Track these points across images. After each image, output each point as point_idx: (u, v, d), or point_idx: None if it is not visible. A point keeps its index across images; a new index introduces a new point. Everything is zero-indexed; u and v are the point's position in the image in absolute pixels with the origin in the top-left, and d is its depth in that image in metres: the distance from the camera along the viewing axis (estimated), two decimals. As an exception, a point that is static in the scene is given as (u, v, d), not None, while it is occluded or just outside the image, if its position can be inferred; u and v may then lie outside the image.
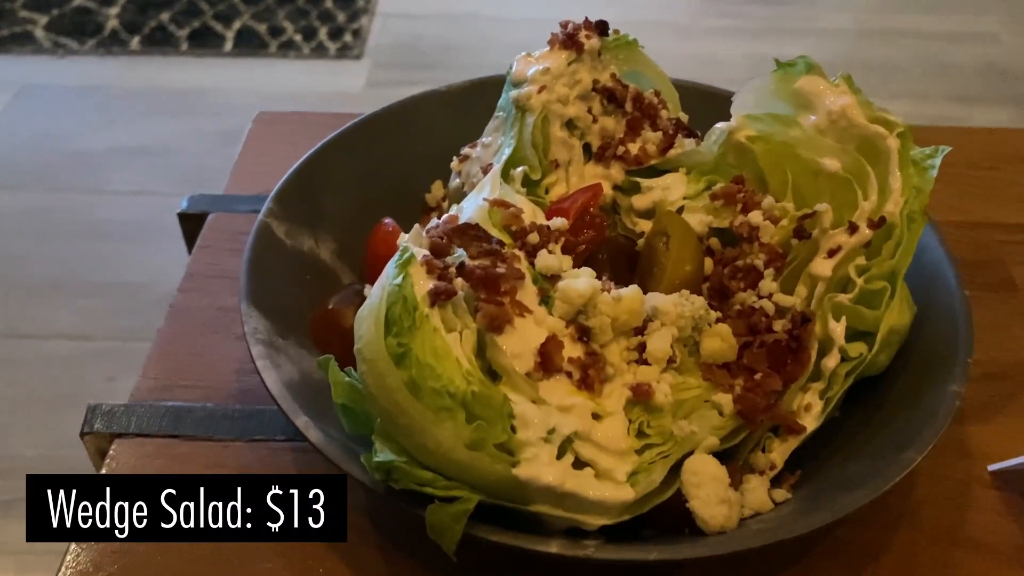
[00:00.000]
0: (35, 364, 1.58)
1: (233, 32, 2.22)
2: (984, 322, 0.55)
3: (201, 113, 2.06)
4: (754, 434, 0.41)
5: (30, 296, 1.69)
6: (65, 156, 1.97)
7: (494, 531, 0.35)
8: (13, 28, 2.20)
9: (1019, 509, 0.46)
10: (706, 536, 0.37)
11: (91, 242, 1.76)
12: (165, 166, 1.91)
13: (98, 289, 1.67)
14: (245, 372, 0.51)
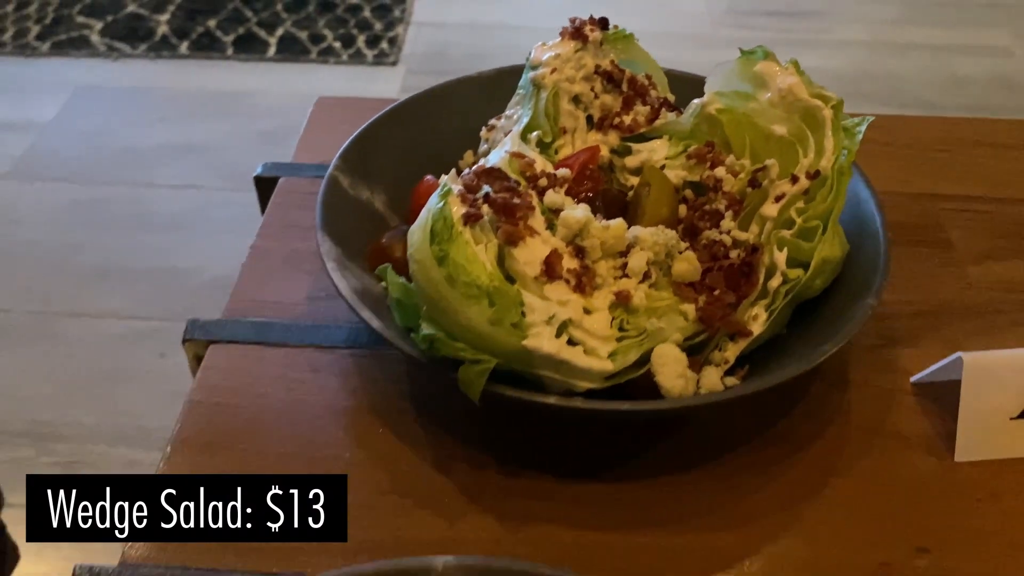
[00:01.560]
0: (90, 341, 1.73)
1: (276, 38, 2.37)
2: (921, 271, 0.67)
3: (245, 114, 2.21)
4: (712, 338, 0.53)
5: (85, 280, 1.83)
6: (117, 152, 2.12)
7: (508, 388, 0.48)
8: (70, 33, 2.36)
9: (931, 409, 0.58)
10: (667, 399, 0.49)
11: (141, 231, 1.91)
12: (210, 162, 2.06)
13: (147, 274, 1.81)
14: (312, 298, 0.65)
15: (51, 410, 1.58)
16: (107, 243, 1.88)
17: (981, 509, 0.53)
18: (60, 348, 1.70)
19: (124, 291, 1.78)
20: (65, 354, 1.69)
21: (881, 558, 0.51)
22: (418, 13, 2.50)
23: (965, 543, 0.52)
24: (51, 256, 1.86)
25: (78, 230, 1.92)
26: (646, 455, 0.55)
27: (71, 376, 1.64)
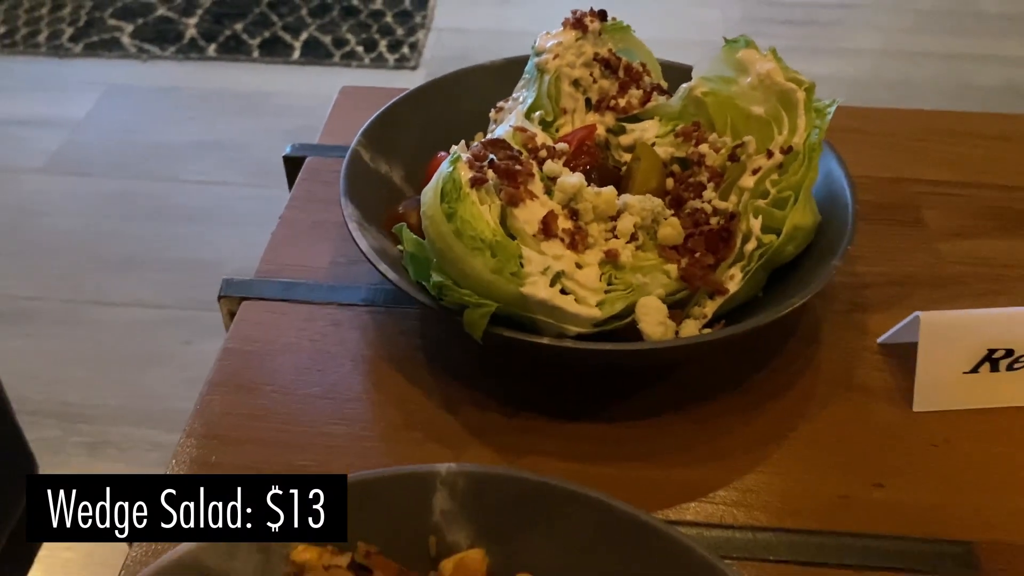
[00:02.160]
0: (117, 328, 1.81)
1: (300, 42, 2.45)
2: (893, 246, 0.74)
3: (269, 114, 2.30)
4: (692, 295, 0.60)
5: (114, 269, 1.92)
6: (146, 148, 2.21)
7: (506, 330, 0.55)
8: (102, 35, 2.45)
9: (894, 366, 0.64)
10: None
11: (168, 224, 2.00)
12: (235, 160, 2.15)
13: (174, 265, 1.90)
14: (334, 263, 0.72)
15: (79, 392, 1.66)
16: (135, 234, 1.97)
17: (933, 452, 0.59)
18: (88, 334, 1.78)
19: (151, 280, 1.86)
20: (93, 340, 1.77)
21: (841, 491, 0.57)
22: (439, 19, 2.58)
23: (916, 480, 0.58)
24: (82, 246, 1.95)
25: (108, 222, 2.01)
26: (631, 400, 0.62)
27: (98, 360, 1.73)
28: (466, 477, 0.47)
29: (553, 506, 0.46)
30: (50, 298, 1.85)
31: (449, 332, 0.65)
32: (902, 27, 2.59)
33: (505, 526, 0.47)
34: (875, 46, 2.51)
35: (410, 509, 0.47)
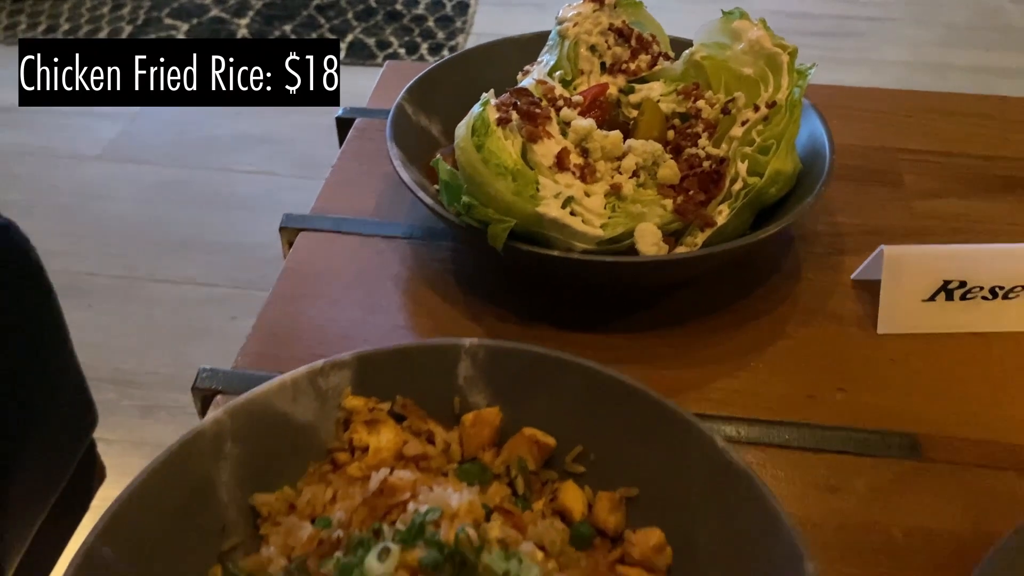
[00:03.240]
0: (170, 303, 1.94)
1: (346, 44, 2.59)
2: (872, 203, 0.84)
3: (315, 110, 2.43)
4: (686, 228, 0.71)
5: (167, 250, 2.05)
6: (199, 140, 2.35)
7: (524, 244, 0.66)
8: (159, 33, 2.60)
9: (864, 299, 0.74)
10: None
11: (218, 210, 2.14)
12: (281, 152, 2.28)
13: (223, 247, 2.03)
14: (378, 204, 0.83)
15: (132, 360, 1.80)
16: (188, 219, 2.11)
17: (891, 365, 0.69)
18: (142, 308, 1.92)
19: (202, 261, 2.00)
20: (146, 313, 1.91)
21: (808, 392, 0.67)
22: (479, 24, 2.71)
23: (873, 387, 0.68)
24: (136, 228, 2.09)
25: (162, 207, 2.15)
26: (632, 317, 0.72)
27: (151, 332, 1.86)
28: (485, 349, 0.58)
29: (554, 372, 0.57)
30: (106, 274, 1.99)
31: (475, 257, 0.76)
32: (930, 40, 2.68)
33: (516, 389, 0.58)
34: (903, 58, 2.60)
35: (439, 374, 0.58)
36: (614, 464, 0.56)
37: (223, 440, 0.53)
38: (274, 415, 0.55)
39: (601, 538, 0.54)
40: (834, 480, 0.62)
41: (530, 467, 0.56)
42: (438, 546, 0.45)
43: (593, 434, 0.56)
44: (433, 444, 0.56)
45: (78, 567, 0.46)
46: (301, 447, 0.56)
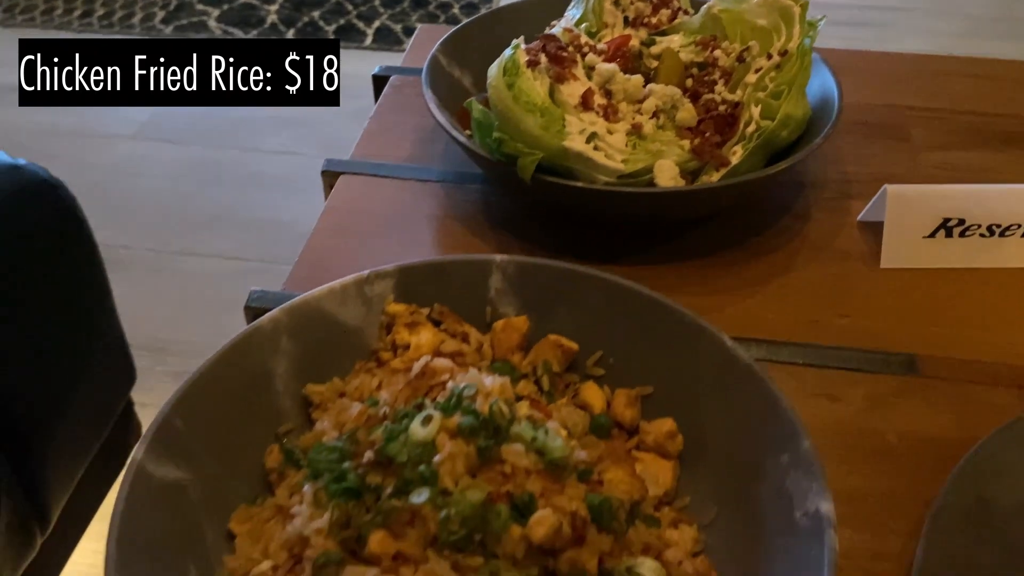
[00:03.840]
0: (200, 276, 2.02)
1: (372, 30, 2.66)
2: (880, 154, 0.89)
3: (343, 94, 2.51)
4: (702, 168, 0.76)
5: (198, 226, 2.13)
6: (229, 121, 2.43)
7: (550, 176, 0.72)
8: (191, 18, 2.68)
9: (869, 238, 0.80)
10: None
11: (247, 188, 2.21)
12: (309, 133, 2.36)
13: (252, 224, 2.10)
14: (412, 152, 0.90)
15: (166, 329, 1.87)
16: (219, 196, 2.19)
17: (892, 295, 0.75)
18: (175, 280, 2.00)
19: (232, 236, 2.07)
20: (179, 286, 1.99)
21: (813, 318, 0.73)
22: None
23: (875, 313, 0.73)
24: (169, 205, 2.17)
25: (193, 184, 2.23)
26: (649, 252, 0.78)
27: (183, 304, 1.94)
28: (515, 264, 0.64)
29: (578, 285, 0.63)
30: (141, 248, 2.06)
31: (503, 197, 0.83)
32: (952, 31, 2.72)
33: (542, 301, 0.64)
34: (924, 49, 2.63)
35: (473, 286, 0.64)
36: (631, 366, 0.62)
37: (279, 335, 0.60)
38: (324, 317, 0.62)
39: (618, 430, 0.60)
40: (834, 391, 0.67)
41: (554, 369, 0.62)
42: (474, 414, 0.51)
43: (612, 340, 0.62)
44: (468, 343, 0.62)
45: (155, 433, 0.53)
46: (348, 347, 0.62)
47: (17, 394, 1.16)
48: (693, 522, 0.55)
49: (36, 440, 1.21)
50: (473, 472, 0.50)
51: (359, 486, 0.49)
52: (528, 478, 0.50)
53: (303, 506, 0.50)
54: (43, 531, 1.27)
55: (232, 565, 0.51)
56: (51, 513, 1.29)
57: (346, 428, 0.54)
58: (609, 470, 0.55)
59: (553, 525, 0.47)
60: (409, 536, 0.47)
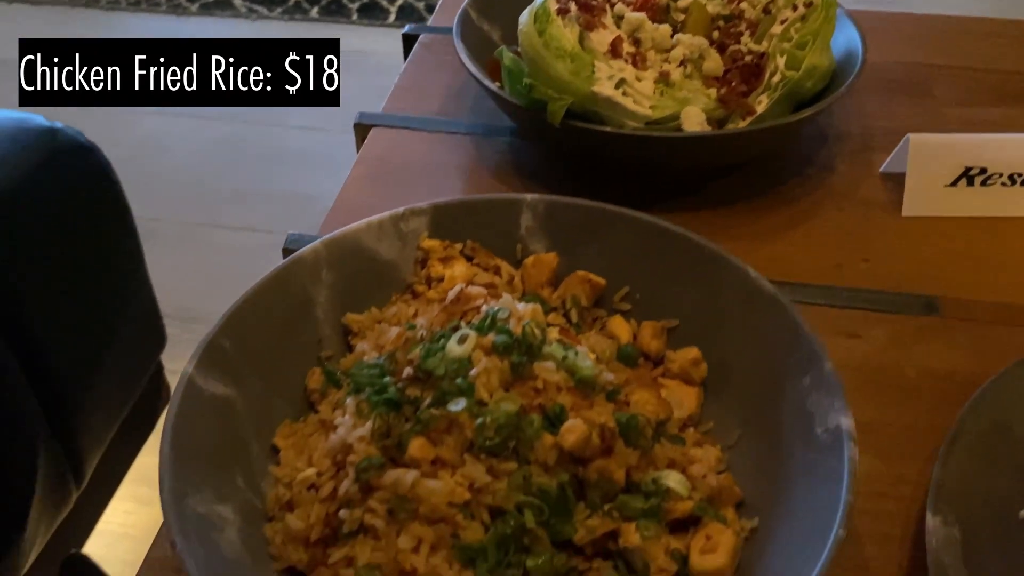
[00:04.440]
0: (227, 248, 2.06)
1: (396, 7, 2.69)
2: (903, 109, 0.91)
3: (366, 71, 2.53)
4: (728, 116, 0.79)
5: (227, 199, 2.17)
6: (256, 97, 2.45)
7: (578, 122, 0.74)
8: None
9: (891, 188, 0.82)
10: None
11: (275, 163, 2.25)
12: (335, 110, 2.38)
13: (279, 197, 2.14)
14: (442, 107, 0.92)
15: (194, 299, 1.91)
16: (246, 171, 2.23)
17: (913, 241, 0.77)
18: (202, 252, 2.04)
19: (259, 210, 2.11)
20: (206, 257, 2.03)
21: (836, 263, 0.75)
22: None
23: (896, 258, 0.76)
24: (197, 179, 2.21)
25: (221, 159, 2.27)
26: (676, 200, 0.80)
27: (211, 274, 1.98)
28: (545, 203, 0.67)
29: (605, 222, 0.66)
30: (169, 221, 2.10)
31: (531, 147, 0.85)
32: (982, 8, 2.71)
33: (571, 238, 0.66)
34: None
35: (504, 224, 0.67)
36: (657, 301, 0.64)
37: (319, 267, 0.63)
38: (362, 250, 0.64)
39: (644, 360, 0.63)
40: (855, 330, 0.70)
41: (582, 303, 0.64)
42: (508, 333, 0.54)
43: (639, 275, 0.65)
44: (499, 276, 0.65)
45: (203, 351, 0.56)
46: (385, 280, 0.65)
47: (53, 350, 1.20)
48: (716, 444, 0.58)
49: (71, 396, 1.25)
50: (507, 387, 0.53)
51: (399, 398, 0.52)
52: (559, 393, 0.53)
53: (346, 417, 0.53)
54: (78, 486, 1.31)
55: (278, 474, 0.54)
56: (85, 469, 1.33)
57: (385, 350, 0.57)
58: (635, 392, 0.57)
59: (583, 433, 0.50)
60: (447, 443, 0.50)
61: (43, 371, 1.18)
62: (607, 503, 0.51)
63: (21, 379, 1.15)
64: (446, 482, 0.49)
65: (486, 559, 0.46)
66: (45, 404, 1.20)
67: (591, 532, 0.49)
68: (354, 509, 0.49)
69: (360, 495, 0.50)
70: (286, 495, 0.52)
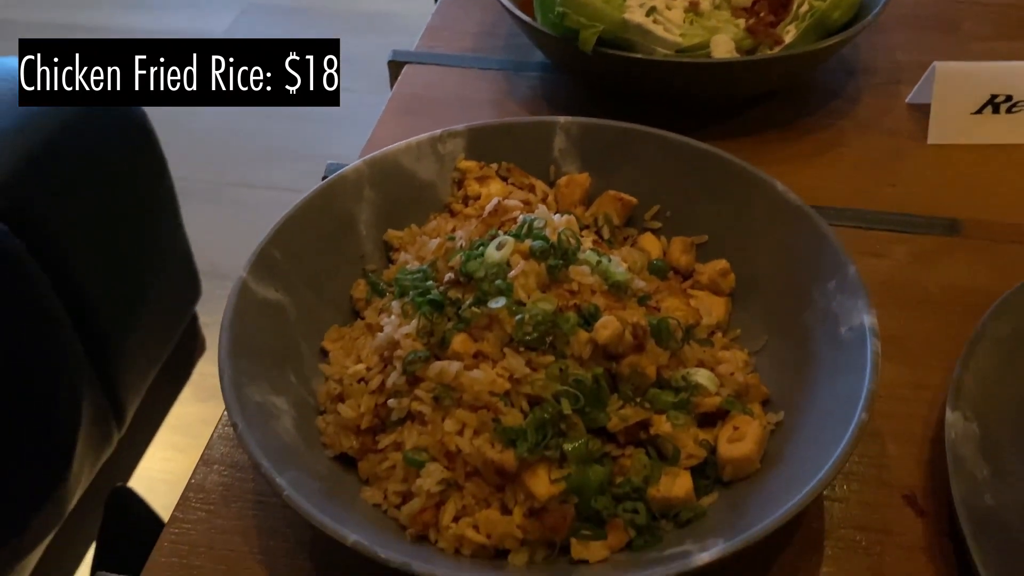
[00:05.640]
0: (257, 206, 2.10)
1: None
2: (931, 44, 0.93)
3: (389, 32, 2.57)
4: (756, 47, 0.81)
5: (256, 158, 2.21)
6: (281, 58, 2.48)
7: (608, 50, 0.77)
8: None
9: (917, 117, 0.84)
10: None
11: (302, 122, 2.28)
12: (355, 70, 2.40)
13: (307, 157, 2.16)
14: (474, 45, 0.95)
15: (224, 256, 1.93)
16: (274, 131, 2.26)
17: (938, 167, 0.79)
18: (233, 210, 2.08)
19: (287, 168, 2.15)
20: (236, 215, 2.07)
21: (861, 188, 0.78)
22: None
23: (921, 183, 0.78)
24: (225, 139, 2.25)
25: (248, 120, 2.30)
26: (706, 130, 0.83)
27: (241, 232, 1.98)
28: (578, 125, 0.70)
29: (636, 142, 0.69)
30: (195, 179, 2.14)
31: (561, 80, 0.88)
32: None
33: (603, 158, 0.69)
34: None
35: (538, 146, 0.70)
36: (687, 218, 0.67)
37: (362, 185, 0.66)
38: (402, 170, 0.68)
39: (674, 274, 0.66)
40: (880, 250, 0.72)
41: (615, 222, 0.67)
42: (544, 239, 0.57)
43: (669, 193, 0.68)
44: (534, 194, 0.68)
45: (256, 258, 0.60)
46: (424, 200, 0.68)
47: (95, 295, 1.25)
48: (744, 349, 0.61)
49: (112, 341, 1.30)
50: (543, 289, 0.56)
51: (442, 299, 0.56)
52: (593, 296, 0.56)
53: (392, 317, 0.56)
54: (119, 428, 1.37)
55: (328, 372, 0.58)
56: (126, 412, 1.39)
57: (427, 259, 0.61)
58: (666, 300, 0.61)
59: (616, 330, 0.53)
60: (487, 338, 0.54)
61: (86, 316, 1.23)
62: (639, 397, 0.54)
63: (66, 323, 1.20)
64: (487, 373, 0.52)
65: (526, 439, 0.50)
66: (88, 348, 1.25)
67: (624, 420, 0.52)
68: (402, 398, 0.53)
69: (407, 386, 0.53)
70: (336, 389, 0.56)
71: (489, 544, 0.50)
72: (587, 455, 0.51)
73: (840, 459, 0.48)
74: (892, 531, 0.55)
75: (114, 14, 2.72)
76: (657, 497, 0.51)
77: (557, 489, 0.50)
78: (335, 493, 0.51)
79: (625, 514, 0.51)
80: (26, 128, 1.17)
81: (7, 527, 1.17)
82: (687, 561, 0.45)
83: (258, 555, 0.54)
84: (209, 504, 0.57)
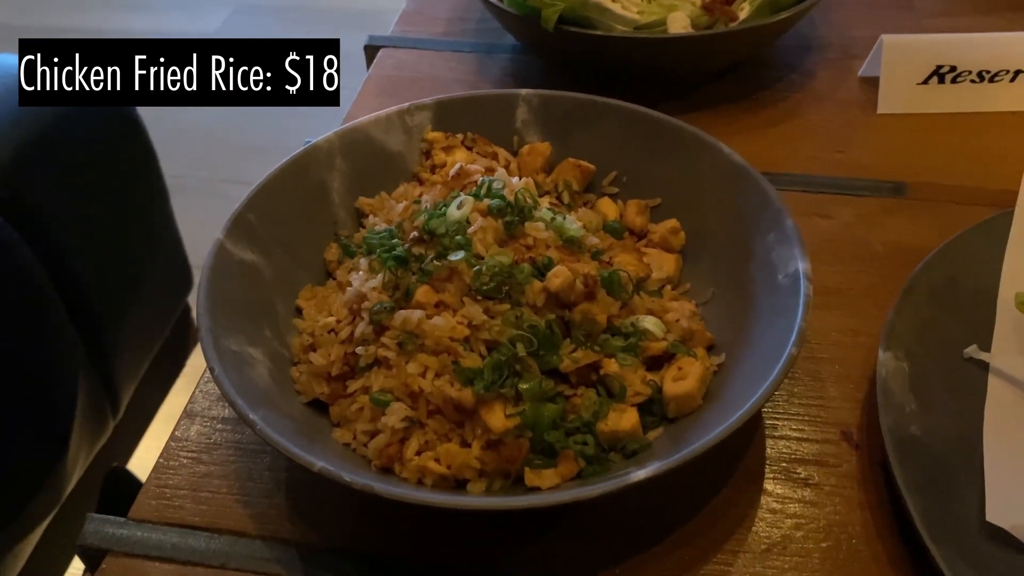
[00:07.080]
0: (249, 202, 2.12)
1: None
2: (884, 21, 0.98)
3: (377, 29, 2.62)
4: (712, 24, 0.85)
5: (246, 153, 2.25)
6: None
7: (569, 27, 0.81)
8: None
9: (868, 89, 0.88)
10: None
11: (292, 119, 2.31)
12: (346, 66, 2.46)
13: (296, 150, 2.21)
14: (448, 30, 0.99)
15: (218, 249, 2.00)
16: (264, 125, 2.31)
17: (885, 135, 0.84)
18: (225, 206, 2.10)
19: (277, 163, 2.19)
20: (227, 209, 2.10)
21: (813, 154, 0.82)
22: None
23: (869, 150, 0.82)
24: (216, 136, 2.30)
25: (239, 116, 2.34)
26: (665, 105, 0.87)
27: (233, 226, 2.07)
28: (539, 96, 0.74)
29: (594, 112, 0.73)
30: (190, 176, 2.19)
31: (529, 61, 0.92)
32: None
33: (563, 128, 0.74)
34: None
35: (501, 117, 0.74)
36: (642, 183, 0.71)
37: (333, 155, 0.70)
38: (371, 141, 0.72)
39: (629, 235, 0.70)
40: (827, 211, 0.76)
41: (574, 187, 0.72)
42: (502, 198, 0.61)
43: (625, 160, 0.72)
44: (497, 161, 0.72)
45: (232, 222, 0.64)
46: (393, 169, 0.73)
47: (90, 285, 1.29)
48: (692, 301, 0.65)
49: (106, 328, 1.34)
50: (501, 244, 0.60)
51: (406, 255, 0.60)
52: (548, 250, 0.60)
53: (360, 273, 0.61)
54: (114, 415, 1.40)
55: (301, 326, 0.62)
56: (121, 399, 1.43)
57: (393, 221, 0.65)
58: (619, 256, 0.65)
59: (567, 278, 0.57)
60: (448, 289, 0.58)
61: (80, 303, 1.27)
62: (590, 342, 0.58)
63: (61, 310, 1.24)
64: (448, 320, 0.56)
65: (483, 378, 0.54)
66: (83, 334, 1.29)
67: (575, 362, 0.57)
68: (369, 346, 0.57)
69: (374, 335, 0.58)
70: (309, 340, 0.60)
71: (449, 474, 0.54)
72: (541, 394, 0.55)
73: (770, 387, 0.52)
74: (828, 463, 0.59)
75: (107, 16, 2.77)
76: (605, 431, 0.55)
77: (512, 423, 0.54)
78: (306, 433, 0.55)
79: (576, 446, 0.55)
80: (22, 120, 1.21)
81: (5, 511, 1.21)
82: (626, 478, 0.49)
83: (237, 496, 0.58)
84: (191, 452, 0.61)
